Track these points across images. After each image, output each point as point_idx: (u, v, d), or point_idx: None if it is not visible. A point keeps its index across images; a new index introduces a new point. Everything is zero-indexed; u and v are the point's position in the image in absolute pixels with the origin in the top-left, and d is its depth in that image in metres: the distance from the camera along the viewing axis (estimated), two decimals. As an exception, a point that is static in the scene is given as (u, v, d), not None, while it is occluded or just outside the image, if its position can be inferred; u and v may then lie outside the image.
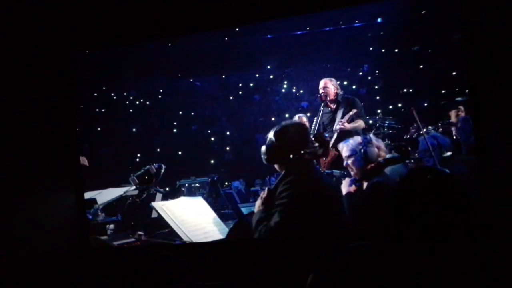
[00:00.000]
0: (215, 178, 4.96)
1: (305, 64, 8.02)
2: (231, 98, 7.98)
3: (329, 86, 4.77)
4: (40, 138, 3.25)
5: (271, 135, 2.68)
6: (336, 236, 2.82)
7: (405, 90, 6.96)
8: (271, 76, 7.96)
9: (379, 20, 8.83)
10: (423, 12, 8.08)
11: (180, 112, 7.30)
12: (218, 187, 5.07)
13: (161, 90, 7.56)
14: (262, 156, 2.78)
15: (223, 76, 8.31)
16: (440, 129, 4.26)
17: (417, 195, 1.19)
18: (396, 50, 8.17)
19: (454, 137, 4.17)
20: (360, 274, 1.18)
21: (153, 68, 7.04)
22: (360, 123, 4.76)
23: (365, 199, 3.23)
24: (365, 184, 3.36)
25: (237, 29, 8.51)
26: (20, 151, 3.19)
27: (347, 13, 8.73)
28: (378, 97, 7.18)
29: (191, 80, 7.78)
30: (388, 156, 3.48)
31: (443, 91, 6.41)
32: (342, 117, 4.69)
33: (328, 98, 4.80)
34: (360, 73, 7.79)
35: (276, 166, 2.75)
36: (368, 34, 8.22)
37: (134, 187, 3.92)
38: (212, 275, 2.58)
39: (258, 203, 2.72)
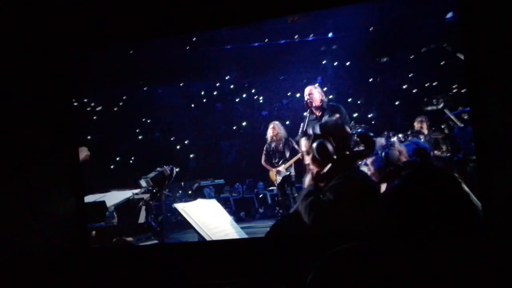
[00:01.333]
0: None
1: (264, 74, 8.35)
2: (192, 105, 8.12)
3: (314, 93, 4.92)
4: (40, 140, 3.28)
5: (317, 130, 2.64)
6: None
7: (358, 101, 7.47)
8: (232, 86, 8.21)
9: (330, 35, 9.41)
10: (370, 29, 8.73)
11: (143, 119, 7.35)
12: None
13: (124, 97, 7.56)
14: (315, 152, 2.71)
15: (181, 84, 8.44)
16: (409, 138, 4.58)
17: (416, 194, 1.19)
18: (347, 64, 8.72)
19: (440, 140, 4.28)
20: (359, 273, 1.19)
21: (114, 75, 7.04)
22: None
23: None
24: (382, 186, 3.46)
25: (194, 39, 8.73)
26: (20, 153, 3.20)
27: (301, 27, 9.22)
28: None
29: (152, 87, 7.84)
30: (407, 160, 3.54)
31: (397, 102, 6.95)
32: None
33: (313, 105, 4.90)
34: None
35: (315, 164, 2.70)
36: (321, 48, 8.73)
37: (139, 190, 3.90)
38: (211, 275, 2.72)
39: (309, 178, 2.69)
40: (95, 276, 2.81)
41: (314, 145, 2.57)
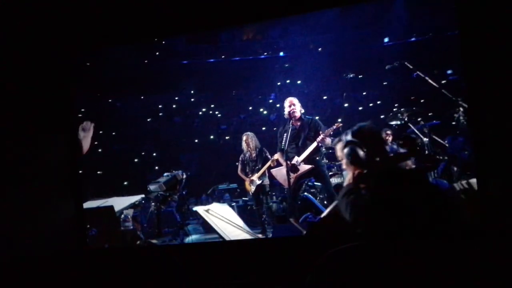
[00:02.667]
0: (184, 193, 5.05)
1: (221, 90, 8.60)
2: (149, 120, 8.16)
3: (295, 103, 4.97)
4: (40, 142, 3.28)
5: (349, 137, 2.49)
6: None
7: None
8: (192, 99, 8.38)
9: (281, 53, 9.92)
10: (319, 49, 9.33)
11: (101, 132, 7.30)
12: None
13: (82, 110, 7.46)
14: (346, 157, 2.61)
15: (142, 98, 8.49)
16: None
17: (408, 196, 1.27)
18: (298, 82, 9.23)
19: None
20: (356, 273, 1.23)
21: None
22: (330, 141, 4.85)
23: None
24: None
25: (157, 53, 8.83)
26: (20, 155, 3.21)
27: (255, 45, 9.63)
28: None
29: (110, 100, 7.81)
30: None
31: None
32: (308, 134, 4.80)
33: (294, 116, 4.89)
34: (270, 101, 8.61)
35: (351, 168, 2.58)
36: (275, 66, 9.18)
37: (142, 196, 3.87)
38: (211, 275, 2.82)
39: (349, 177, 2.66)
40: (94, 277, 2.93)
41: (346, 150, 2.51)
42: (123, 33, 3.62)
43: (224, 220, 3.30)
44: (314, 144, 4.71)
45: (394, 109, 4.80)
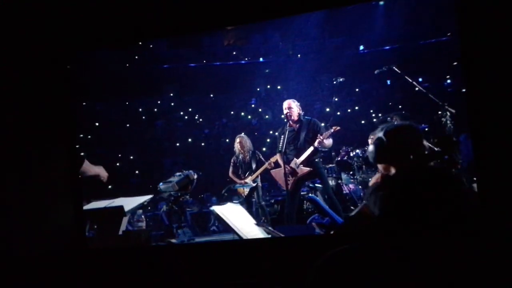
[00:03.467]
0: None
1: (202, 94, 8.64)
2: (128, 125, 8.09)
3: (293, 106, 4.95)
4: (40, 146, 3.25)
5: (380, 134, 2.39)
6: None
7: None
8: (172, 104, 8.38)
9: (261, 59, 10.06)
10: (298, 55, 9.53)
11: (81, 135, 7.20)
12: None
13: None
14: (370, 155, 2.57)
15: (127, 103, 8.43)
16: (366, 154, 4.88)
17: (413, 192, 1.25)
18: (278, 87, 9.37)
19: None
20: (355, 273, 1.23)
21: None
22: (331, 142, 4.87)
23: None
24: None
25: (136, 57, 8.78)
26: (19, 156, 3.17)
27: (236, 52, 9.73)
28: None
29: (87, 103, 7.70)
30: None
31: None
32: (306, 135, 4.81)
33: (292, 118, 4.90)
34: (252, 105, 8.71)
35: (381, 165, 2.54)
36: (256, 71, 9.31)
37: (151, 196, 3.74)
38: (212, 276, 2.85)
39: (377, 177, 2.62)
40: (94, 277, 2.96)
41: (370, 148, 2.43)
42: (105, 37, 3.63)
43: (241, 219, 3.35)
44: (312, 147, 4.69)
45: (382, 114, 4.91)
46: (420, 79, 9.05)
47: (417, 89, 4.71)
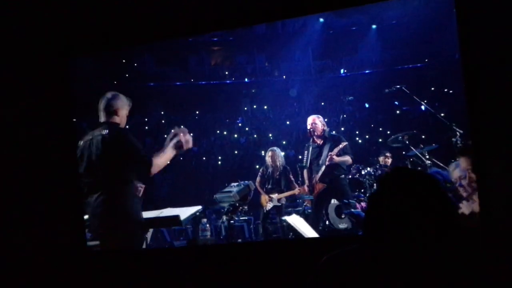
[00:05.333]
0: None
1: (189, 112, 8.68)
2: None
3: (317, 122, 4.87)
4: (40, 143, 3.22)
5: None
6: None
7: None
8: (163, 121, 8.38)
9: (246, 80, 10.25)
10: (284, 77, 9.77)
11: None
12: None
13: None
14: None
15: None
16: (379, 171, 4.87)
17: (399, 196, 1.21)
18: (265, 107, 9.54)
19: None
20: (354, 276, 1.23)
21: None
22: (347, 158, 4.72)
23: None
24: None
25: (126, 75, 8.75)
26: (18, 157, 3.15)
27: (223, 71, 9.89)
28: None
29: (75, 120, 7.57)
30: None
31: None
32: (329, 152, 4.71)
33: (315, 134, 4.85)
34: (239, 124, 8.82)
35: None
36: (242, 91, 9.47)
37: (200, 207, 3.64)
38: (210, 278, 2.86)
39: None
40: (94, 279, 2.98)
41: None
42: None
43: (306, 228, 3.45)
44: (337, 159, 4.67)
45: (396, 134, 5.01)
46: (397, 102, 9.46)
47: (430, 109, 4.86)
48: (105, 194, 2.83)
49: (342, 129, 9.01)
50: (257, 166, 7.25)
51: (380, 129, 9.05)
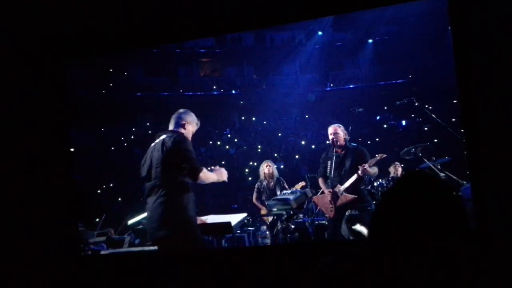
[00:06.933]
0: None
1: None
2: (105, 152, 7.85)
3: (339, 132, 4.78)
4: (38, 145, 3.15)
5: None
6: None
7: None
8: (150, 132, 8.26)
9: (233, 91, 10.27)
10: (263, 87, 9.83)
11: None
12: None
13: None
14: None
15: (102, 129, 8.21)
16: (391, 183, 4.85)
17: (409, 199, 1.21)
18: (253, 119, 9.56)
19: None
20: (354, 279, 1.23)
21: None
22: (377, 170, 4.67)
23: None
24: None
25: (111, 84, 8.61)
26: (17, 158, 3.07)
27: (211, 83, 9.88)
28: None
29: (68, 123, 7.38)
30: None
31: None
32: (352, 162, 4.65)
33: (338, 144, 4.76)
34: (229, 135, 8.80)
35: None
36: (230, 102, 9.47)
37: (245, 214, 3.54)
38: (213, 281, 2.82)
39: None
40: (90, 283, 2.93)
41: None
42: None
43: None
44: (356, 175, 4.62)
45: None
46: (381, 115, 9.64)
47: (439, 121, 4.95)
48: (164, 196, 3.01)
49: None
50: (250, 178, 7.23)
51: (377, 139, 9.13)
